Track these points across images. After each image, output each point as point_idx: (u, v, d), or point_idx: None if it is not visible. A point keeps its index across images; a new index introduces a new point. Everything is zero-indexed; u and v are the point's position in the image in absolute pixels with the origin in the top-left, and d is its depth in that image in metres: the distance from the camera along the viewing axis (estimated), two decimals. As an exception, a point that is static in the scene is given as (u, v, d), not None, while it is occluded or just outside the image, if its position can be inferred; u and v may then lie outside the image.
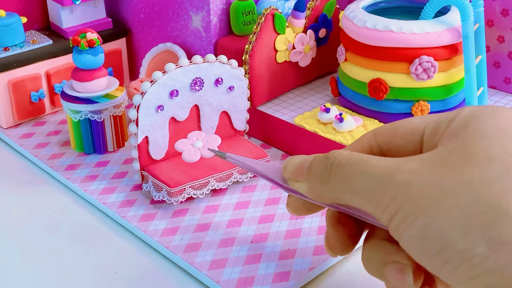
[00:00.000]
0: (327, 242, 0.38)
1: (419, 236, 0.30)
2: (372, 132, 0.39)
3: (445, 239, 0.29)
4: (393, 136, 0.37)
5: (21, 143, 0.62)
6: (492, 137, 0.31)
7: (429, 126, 0.35)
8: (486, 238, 0.28)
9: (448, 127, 0.34)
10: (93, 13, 0.69)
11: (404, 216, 0.31)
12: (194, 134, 0.51)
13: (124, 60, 0.72)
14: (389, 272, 0.34)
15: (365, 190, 0.33)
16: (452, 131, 0.33)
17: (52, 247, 0.48)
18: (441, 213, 0.29)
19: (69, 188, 0.55)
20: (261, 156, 0.54)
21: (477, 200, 0.29)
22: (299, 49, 0.62)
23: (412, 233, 0.30)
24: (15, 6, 0.68)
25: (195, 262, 0.45)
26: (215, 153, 0.47)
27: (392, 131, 0.37)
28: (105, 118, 0.58)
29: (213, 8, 0.61)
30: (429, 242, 0.30)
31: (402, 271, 0.34)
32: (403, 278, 0.34)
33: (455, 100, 0.57)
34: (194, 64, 0.51)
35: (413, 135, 0.36)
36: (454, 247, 0.29)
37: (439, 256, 0.29)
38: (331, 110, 0.56)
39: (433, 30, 0.53)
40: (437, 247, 0.29)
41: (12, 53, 0.63)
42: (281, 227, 0.48)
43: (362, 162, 0.34)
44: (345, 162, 0.34)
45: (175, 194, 0.50)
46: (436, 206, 0.30)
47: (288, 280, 0.43)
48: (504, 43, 0.62)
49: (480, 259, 0.28)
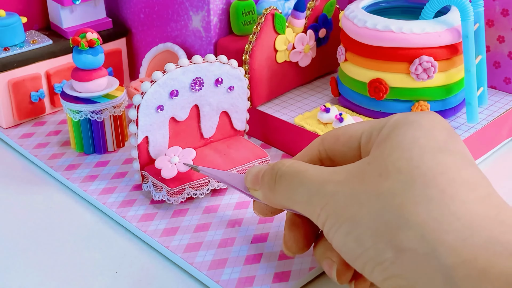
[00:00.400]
0: (284, 243, 0.42)
1: (343, 242, 0.34)
2: (320, 138, 0.42)
3: (361, 246, 0.33)
4: (335, 143, 0.40)
5: (21, 143, 0.62)
6: (404, 149, 0.34)
7: (365, 134, 0.38)
8: (392, 245, 0.32)
9: (377, 135, 0.37)
10: (93, 13, 0.69)
11: (332, 224, 0.35)
12: (172, 150, 0.51)
13: (124, 60, 0.72)
14: (324, 265, 0.40)
15: (302, 199, 0.37)
16: (379, 140, 0.36)
17: (52, 247, 0.48)
18: (358, 223, 0.33)
19: (69, 188, 0.55)
20: (261, 156, 0.54)
21: (385, 211, 0.32)
22: (299, 49, 0.62)
23: (338, 239, 0.35)
24: (15, 6, 0.68)
25: (195, 262, 0.45)
26: (189, 166, 0.49)
27: (335, 138, 0.40)
28: (105, 118, 0.58)
29: (213, 8, 0.61)
30: (350, 247, 0.34)
31: (331, 267, 0.39)
32: (331, 272, 0.39)
33: (455, 100, 0.57)
34: (194, 64, 0.51)
35: (351, 142, 0.39)
36: (368, 253, 0.33)
37: (359, 260, 0.34)
38: (331, 110, 0.56)
39: (433, 30, 0.53)
40: (356, 252, 0.33)
41: (12, 53, 0.63)
42: (281, 227, 0.48)
43: (300, 173, 0.38)
44: (286, 173, 0.39)
45: (175, 194, 0.50)
46: (354, 216, 0.34)
47: (288, 280, 0.43)
48: (504, 43, 0.62)
49: (389, 263, 0.32)
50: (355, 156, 0.39)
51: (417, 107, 0.55)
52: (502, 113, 0.59)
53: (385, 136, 0.36)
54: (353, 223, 0.34)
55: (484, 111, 0.59)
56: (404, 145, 0.34)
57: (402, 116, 0.37)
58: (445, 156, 0.34)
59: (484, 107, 0.60)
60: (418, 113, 0.37)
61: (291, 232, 0.42)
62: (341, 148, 0.40)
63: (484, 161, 0.59)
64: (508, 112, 0.59)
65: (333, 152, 0.41)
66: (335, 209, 0.35)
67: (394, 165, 0.34)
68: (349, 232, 0.34)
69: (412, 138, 0.35)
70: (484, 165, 0.58)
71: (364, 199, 0.34)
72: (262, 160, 0.54)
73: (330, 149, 0.41)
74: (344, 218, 0.34)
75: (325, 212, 0.35)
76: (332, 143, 0.41)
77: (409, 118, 0.36)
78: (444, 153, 0.34)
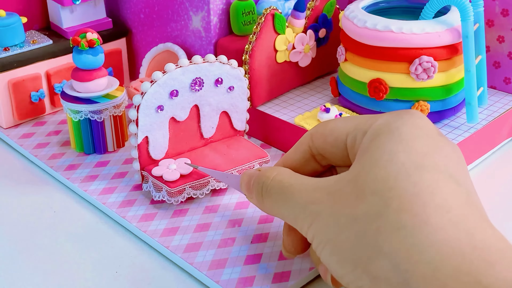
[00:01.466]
0: (283, 246, 0.43)
1: (327, 261, 0.35)
2: (309, 134, 0.41)
3: (343, 269, 0.34)
4: (324, 143, 0.40)
5: (21, 143, 0.62)
6: (380, 167, 0.34)
7: (350, 136, 0.38)
8: (367, 273, 0.32)
9: (361, 140, 0.37)
10: (93, 13, 0.69)
11: (318, 243, 0.35)
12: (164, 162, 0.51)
13: (124, 60, 0.72)
14: (319, 269, 0.40)
15: (289, 217, 0.38)
16: (361, 150, 0.36)
17: (52, 247, 0.48)
18: (338, 247, 0.34)
19: (69, 188, 0.55)
20: (261, 156, 0.54)
21: (361, 237, 0.33)
22: (299, 49, 0.62)
23: (324, 257, 0.35)
24: (15, 6, 0.68)
25: (195, 262, 0.45)
26: (191, 166, 0.50)
27: (323, 138, 0.40)
28: (105, 118, 0.58)
29: (213, 8, 0.61)
30: (334, 268, 0.35)
31: (325, 272, 0.40)
32: (326, 277, 0.40)
33: (455, 100, 0.57)
34: (194, 64, 0.51)
35: (338, 143, 0.39)
36: (349, 276, 0.33)
37: (342, 280, 0.34)
38: (331, 110, 0.56)
39: (433, 30, 0.53)
40: (339, 273, 0.34)
41: (12, 53, 0.63)
42: (281, 227, 0.48)
43: (284, 189, 0.38)
44: (271, 188, 0.39)
45: (175, 194, 0.50)
46: (335, 239, 0.34)
47: (288, 280, 0.43)
48: (504, 43, 0.62)
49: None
50: (344, 156, 0.39)
51: (417, 107, 0.55)
52: (502, 113, 0.59)
53: (366, 146, 0.35)
54: (334, 246, 0.34)
55: (484, 111, 0.59)
56: (381, 162, 0.34)
57: (385, 121, 0.36)
58: (422, 174, 0.33)
59: (484, 107, 0.60)
60: (401, 118, 0.36)
61: (288, 236, 0.42)
62: (330, 149, 0.40)
63: (484, 161, 0.59)
64: (508, 112, 0.59)
65: (323, 150, 0.40)
66: (319, 230, 0.35)
67: (369, 186, 0.33)
68: (331, 253, 0.34)
69: (390, 152, 0.34)
70: (484, 165, 0.58)
71: (343, 222, 0.34)
72: (262, 160, 0.54)
73: (320, 147, 0.41)
74: (326, 240, 0.35)
75: (311, 231, 0.36)
76: (320, 142, 0.40)
77: (391, 126, 0.35)
78: (421, 170, 0.33)
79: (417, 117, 0.36)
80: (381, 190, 0.33)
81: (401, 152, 0.34)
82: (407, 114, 0.36)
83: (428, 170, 0.33)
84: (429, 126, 0.36)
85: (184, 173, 0.50)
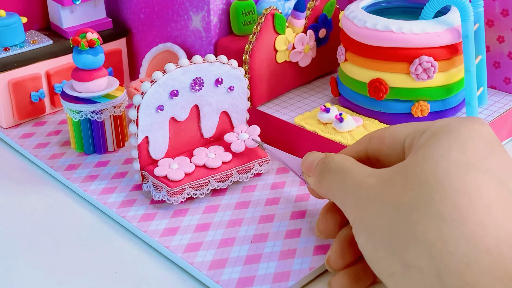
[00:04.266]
0: (317, 226, 0.45)
1: (363, 247, 0.36)
2: (368, 137, 0.42)
3: (377, 256, 0.34)
4: (381, 144, 0.41)
5: (21, 143, 0.62)
6: (433, 161, 0.34)
7: (408, 138, 0.39)
8: (401, 260, 0.33)
9: (418, 140, 0.37)
10: (93, 13, 0.69)
11: (357, 227, 0.36)
12: (163, 161, 0.52)
13: (124, 60, 0.72)
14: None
15: (339, 197, 0.39)
16: (417, 146, 0.37)
17: (52, 247, 0.48)
18: (376, 233, 0.34)
19: (69, 188, 0.55)
20: (261, 156, 0.54)
21: (401, 225, 0.33)
22: (299, 49, 0.62)
23: (360, 242, 0.36)
24: (15, 6, 0.68)
25: (195, 262, 0.45)
26: (257, 143, 0.53)
27: (381, 140, 0.41)
28: (105, 118, 0.58)
29: (213, 8, 0.61)
30: (369, 253, 0.35)
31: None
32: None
33: (455, 100, 0.57)
34: (194, 64, 0.51)
35: (396, 145, 0.40)
36: (382, 263, 0.34)
37: (376, 266, 0.35)
38: (331, 110, 0.56)
39: (433, 30, 0.53)
40: (374, 259, 0.35)
41: (12, 53, 0.63)
42: (281, 227, 0.48)
43: (343, 171, 0.39)
44: (333, 169, 0.40)
45: (175, 194, 0.50)
46: (374, 225, 0.35)
47: (288, 280, 0.43)
48: (504, 43, 0.62)
49: (398, 276, 0.33)
50: (399, 158, 0.39)
51: (417, 107, 0.55)
52: (502, 113, 0.59)
53: (423, 143, 0.36)
54: (372, 232, 0.35)
55: (484, 111, 0.59)
56: (434, 156, 0.34)
57: (445, 122, 0.37)
58: (472, 174, 0.33)
59: (484, 107, 0.60)
60: (462, 120, 0.36)
61: (324, 218, 0.44)
62: (386, 150, 0.40)
63: (484, 161, 0.58)
64: (508, 112, 0.59)
65: (379, 152, 0.41)
66: (360, 214, 0.36)
67: (418, 177, 0.34)
68: (368, 239, 0.35)
69: (445, 149, 0.34)
70: (484, 165, 0.58)
71: (386, 209, 0.34)
72: (262, 160, 0.54)
73: (377, 149, 0.41)
74: (366, 225, 0.35)
75: (353, 214, 0.37)
76: (378, 143, 0.41)
77: (450, 126, 0.36)
78: (472, 170, 0.33)
79: (479, 123, 0.36)
80: (428, 182, 0.33)
81: (455, 150, 0.34)
82: (469, 120, 0.37)
83: (479, 172, 0.33)
84: (489, 132, 0.36)
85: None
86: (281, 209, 0.51)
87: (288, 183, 0.54)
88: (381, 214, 0.34)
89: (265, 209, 0.51)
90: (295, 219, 0.49)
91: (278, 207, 0.51)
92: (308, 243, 0.47)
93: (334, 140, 0.54)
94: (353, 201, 0.37)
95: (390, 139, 0.40)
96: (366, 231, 0.35)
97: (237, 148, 0.52)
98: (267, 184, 0.54)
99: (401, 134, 0.39)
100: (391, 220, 0.34)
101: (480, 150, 0.34)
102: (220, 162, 0.52)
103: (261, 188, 0.53)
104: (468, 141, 0.35)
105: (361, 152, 0.42)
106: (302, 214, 0.50)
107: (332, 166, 0.41)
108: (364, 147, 0.42)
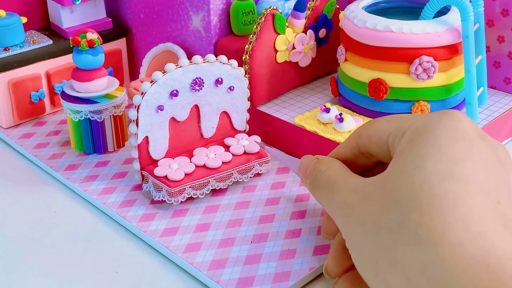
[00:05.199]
0: (323, 228, 0.45)
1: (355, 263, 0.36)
2: (357, 133, 0.42)
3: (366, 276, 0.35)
4: (369, 142, 0.41)
5: (21, 143, 0.62)
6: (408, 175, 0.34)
7: (391, 136, 0.38)
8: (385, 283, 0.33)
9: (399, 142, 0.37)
10: (93, 13, 0.69)
11: (348, 244, 0.37)
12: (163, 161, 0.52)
13: (124, 60, 0.72)
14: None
15: (329, 211, 0.39)
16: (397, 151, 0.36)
17: (52, 247, 0.48)
18: (364, 253, 0.35)
19: (69, 188, 0.55)
20: (261, 156, 0.54)
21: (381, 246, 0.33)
22: (299, 49, 0.62)
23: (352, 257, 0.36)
24: (15, 6, 0.68)
25: (195, 262, 0.45)
26: (260, 145, 0.54)
27: (368, 138, 0.41)
28: (105, 118, 0.58)
29: (213, 8, 0.61)
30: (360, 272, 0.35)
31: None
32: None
33: (455, 100, 0.57)
34: (194, 64, 0.51)
35: (381, 144, 0.40)
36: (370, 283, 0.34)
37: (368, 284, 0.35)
38: (331, 110, 0.56)
39: (433, 30, 0.53)
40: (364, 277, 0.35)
41: (12, 53, 0.63)
42: (281, 227, 0.48)
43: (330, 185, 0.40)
44: (321, 182, 0.41)
45: (175, 194, 0.50)
46: (360, 245, 0.35)
47: (288, 280, 0.43)
48: (504, 43, 0.62)
49: None
50: (388, 156, 0.39)
51: (417, 107, 0.55)
52: (502, 113, 0.59)
53: (402, 149, 0.36)
54: (359, 251, 0.35)
55: (484, 111, 0.59)
56: (409, 169, 0.34)
57: (424, 121, 0.36)
58: (448, 185, 0.32)
59: (484, 107, 0.60)
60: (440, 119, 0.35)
61: (328, 221, 0.44)
62: (374, 148, 0.40)
63: (484, 161, 0.58)
64: (508, 112, 0.59)
65: (369, 149, 0.41)
66: (349, 231, 0.36)
67: (394, 195, 0.34)
68: (357, 258, 0.35)
69: (421, 158, 0.34)
70: (484, 165, 0.58)
71: (368, 230, 0.34)
72: (262, 160, 0.54)
73: (366, 146, 0.41)
74: (353, 244, 0.36)
75: (343, 230, 0.37)
76: (366, 141, 0.41)
77: (428, 127, 0.35)
78: (448, 180, 0.32)
79: (456, 119, 0.35)
80: (404, 200, 0.33)
81: (431, 159, 0.33)
82: (446, 115, 0.36)
83: (455, 180, 0.33)
84: (468, 129, 0.35)
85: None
86: (281, 209, 0.51)
87: (288, 183, 0.54)
88: (365, 235, 0.34)
89: (265, 209, 0.51)
90: (295, 219, 0.49)
91: (278, 207, 0.51)
92: (308, 243, 0.47)
93: (334, 140, 0.54)
94: (340, 218, 0.37)
95: (376, 137, 0.40)
96: (355, 250, 0.35)
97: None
98: (267, 184, 0.54)
99: (385, 133, 0.39)
100: (374, 242, 0.34)
101: (457, 153, 0.34)
102: (220, 162, 0.52)
103: (261, 188, 0.53)
104: (446, 145, 0.34)
105: (354, 148, 0.42)
106: (302, 214, 0.50)
107: (319, 180, 0.41)
108: (356, 143, 0.42)
